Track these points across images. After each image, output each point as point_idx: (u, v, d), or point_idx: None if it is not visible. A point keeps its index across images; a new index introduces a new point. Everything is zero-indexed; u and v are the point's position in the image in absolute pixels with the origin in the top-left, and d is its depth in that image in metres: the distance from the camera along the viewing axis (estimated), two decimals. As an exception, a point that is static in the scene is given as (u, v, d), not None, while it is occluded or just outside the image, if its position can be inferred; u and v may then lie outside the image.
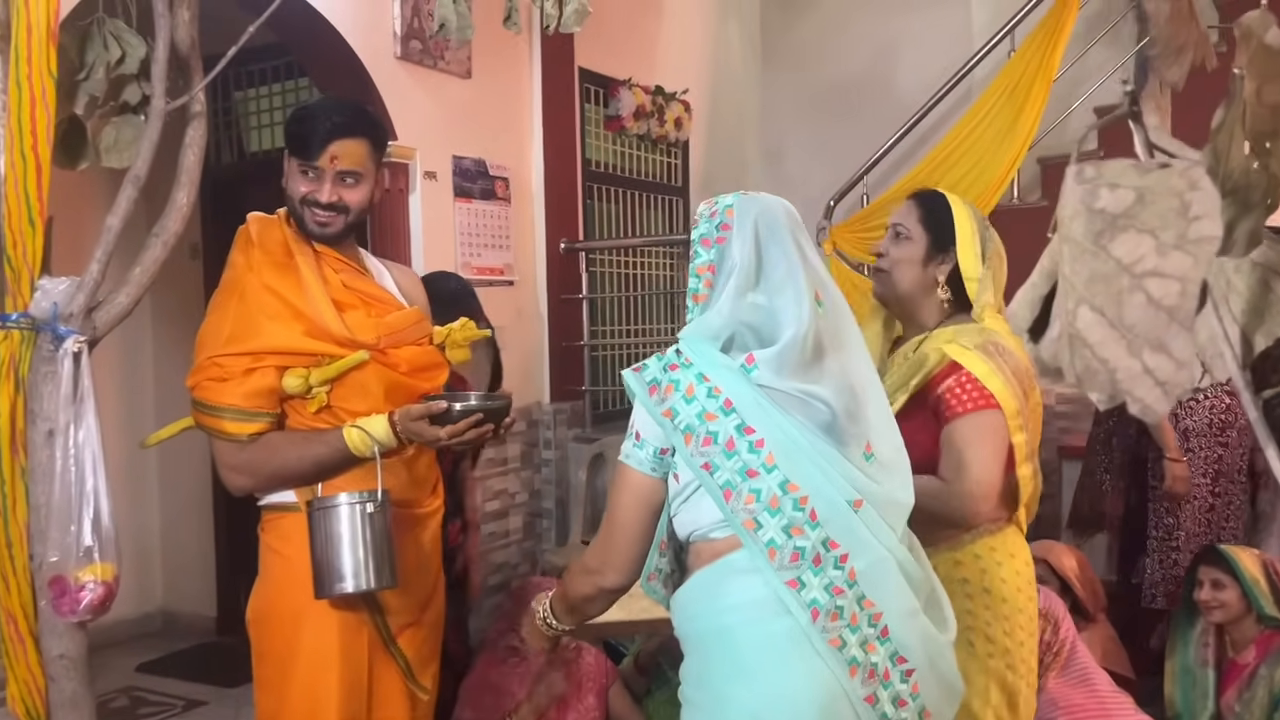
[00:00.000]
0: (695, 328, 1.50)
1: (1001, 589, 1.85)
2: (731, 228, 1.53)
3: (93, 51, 1.61)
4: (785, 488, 1.40)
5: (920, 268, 1.93)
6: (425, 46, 3.81)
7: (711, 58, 5.71)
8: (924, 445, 1.83)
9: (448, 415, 1.89)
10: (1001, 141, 4.57)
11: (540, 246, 4.39)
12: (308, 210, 1.94)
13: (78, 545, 1.61)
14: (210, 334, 1.90)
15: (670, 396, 1.45)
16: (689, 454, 1.43)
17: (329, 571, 1.82)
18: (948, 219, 1.94)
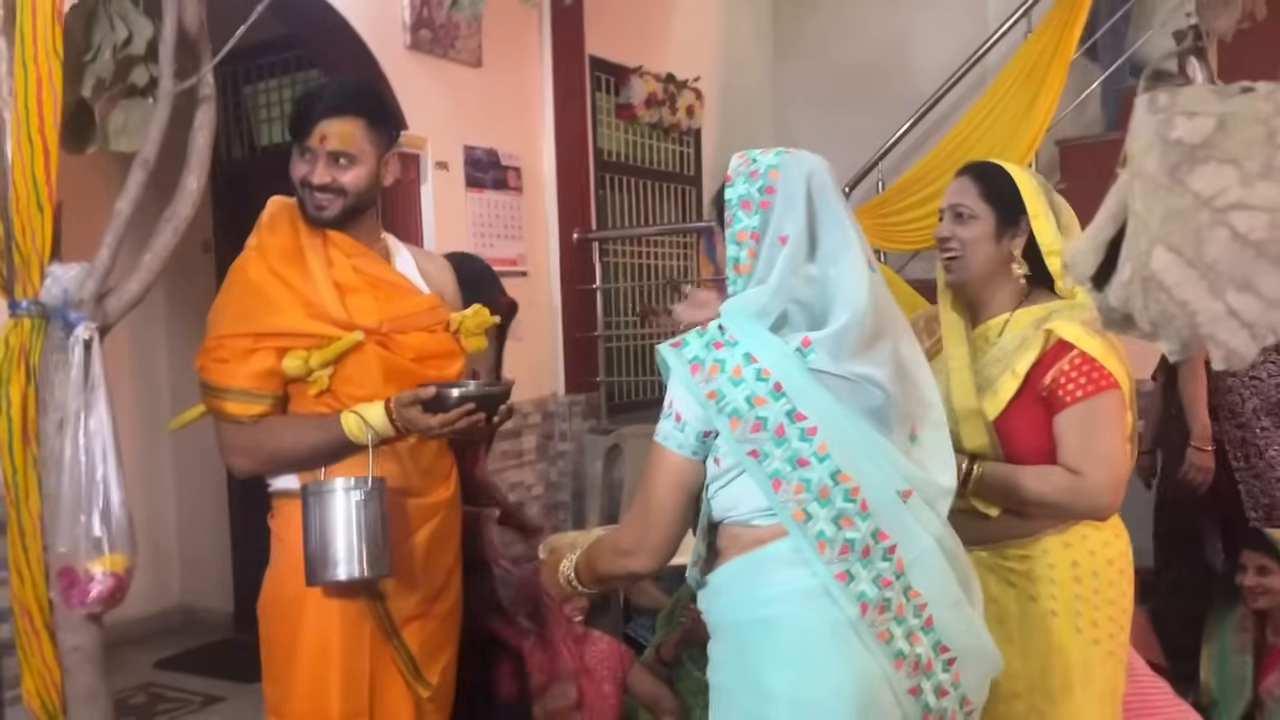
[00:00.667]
0: (741, 303, 1.40)
1: (1108, 571, 1.78)
2: (777, 191, 1.41)
3: (99, 33, 1.58)
4: (836, 478, 1.35)
5: (993, 245, 1.81)
6: (435, 35, 3.78)
7: (723, 44, 5.66)
8: (1033, 434, 1.75)
9: (439, 402, 1.85)
10: (1019, 124, 4.50)
11: (553, 237, 4.35)
12: (306, 193, 1.91)
13: (87, 536, 1.59)
14: (217, 315, 1.89)
15: (716, 377, 1.36)
16: (735, 439, 1.36)
17: (320, 558, 1.79)
18: (1010, 188, 1.81)
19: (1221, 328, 0.83)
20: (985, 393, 1.79)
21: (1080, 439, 1.73)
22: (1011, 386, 1.77)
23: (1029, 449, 1.77)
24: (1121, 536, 1.84)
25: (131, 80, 1.64)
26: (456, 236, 3.89)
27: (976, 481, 1.76)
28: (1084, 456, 1.72)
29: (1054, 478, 1.73)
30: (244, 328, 1.85)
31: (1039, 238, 1.81)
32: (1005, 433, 1.77)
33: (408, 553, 1.92)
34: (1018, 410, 1.76)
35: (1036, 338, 1.78)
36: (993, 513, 1.78)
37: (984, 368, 1.83)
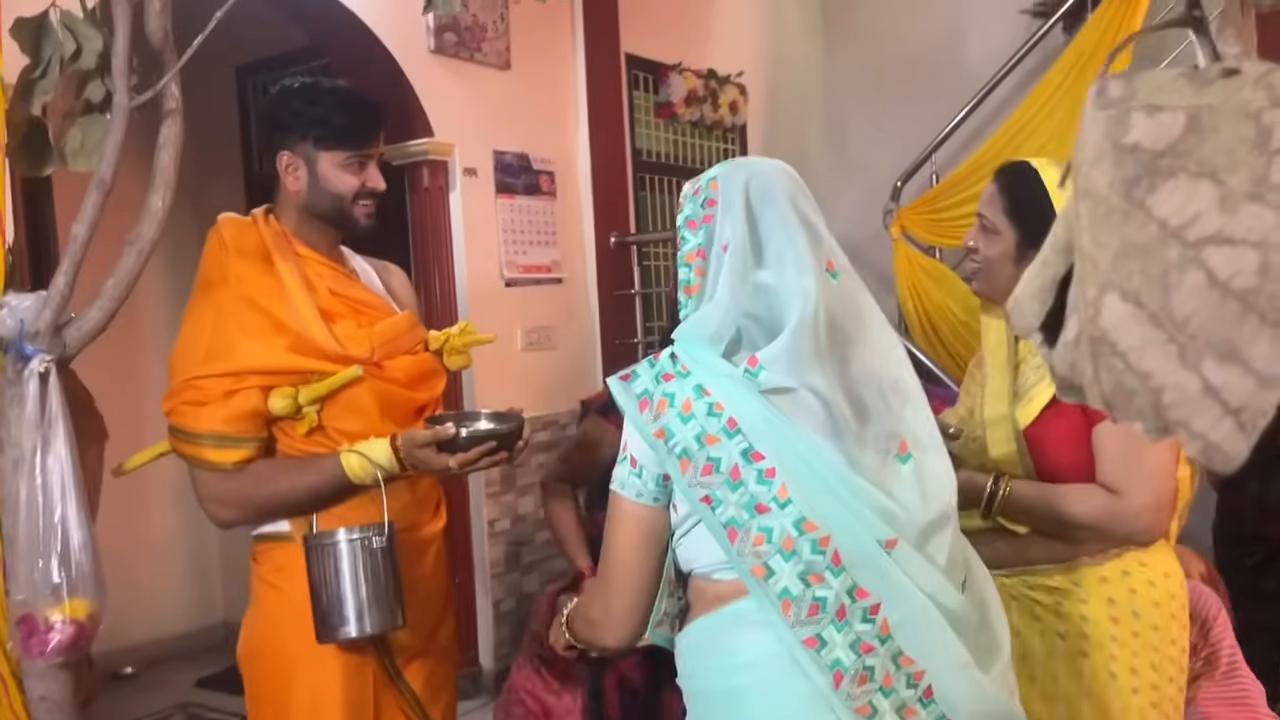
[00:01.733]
0: (691, 326, 1.26)
1: (1153, 614, 1.59)
2: (717, 203, 1.30)
3: (48, 47, 1.48)
4: (801, 526, 1.17)
5: (1013, 265, 1.64)
6: (461, 39, 3.67)
7: (768, 37, 5.48)
8: (1068, 445, 1.60)
9: (456, 441, 1.72)
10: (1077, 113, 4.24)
11: (589, 241, 4.22)
12: (360, 205, 1.82)
13: (45, 582, 1.49)
14: (185, 353, 1.75)
15: (664, 413, 1.21)
16: (686, 484, 1.20)
17: (331, 616, 1.67)
18: (1039, 203, 1.63)
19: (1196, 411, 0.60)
20: (1020, 399, 1.65)
21: (1121, 454, 1.56)
22: (1047, 394, 1.61)
23: (1062, 462, 1.60)
24: (1173, 576, 1.64)
25: (87, 96, 1.54)
26: (487, 245, 3.79)
27: (1004, 501, 1.61)
28: (1124, 474, 1.55)
29: (1090, 497, 1.57)
30: (221, 366, 1.71)
31: None
32: (1037, 442, 1.62)
33: (407, 591, 1.79)
34: (1052, 418, 1.60)
35: None
36: (1021, 531, 1.63)
37: (1026, 374, 1.68)
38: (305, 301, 1.77)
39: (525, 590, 3.91)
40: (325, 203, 1.83)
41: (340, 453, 1.73)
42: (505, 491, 3.83)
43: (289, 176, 1.84)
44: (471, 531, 3.72)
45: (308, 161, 1.82)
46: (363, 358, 1.78)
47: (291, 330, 1.75)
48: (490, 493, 3.77)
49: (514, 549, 3.88)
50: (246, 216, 1.87)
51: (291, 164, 1.83)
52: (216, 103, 4.45)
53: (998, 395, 1.66)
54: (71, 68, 1.47)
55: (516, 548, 3.89)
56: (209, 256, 1.82)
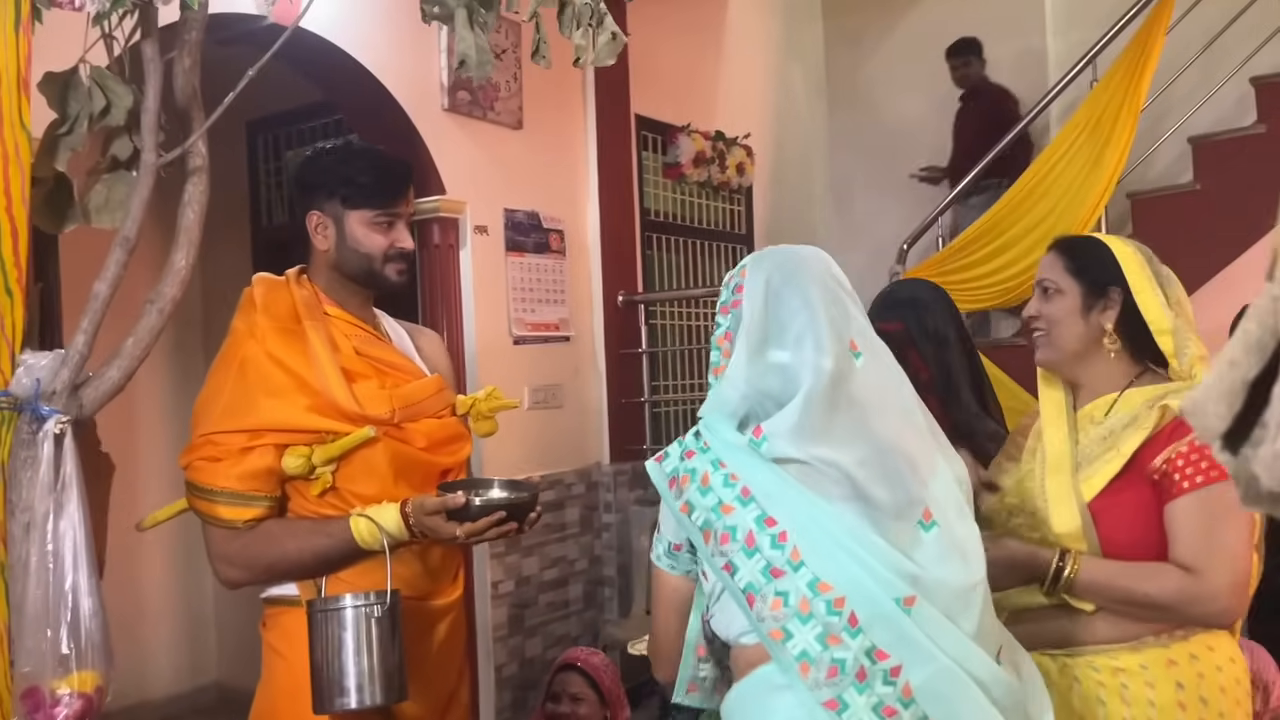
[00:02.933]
0: (711, 403, 1.34)
1: (1220, 701, 1.53)
2: (744, 289, 1.38)
3: (76, 102, 1.46)
4: (816, 588, 1.19)
5: (1080, 320, 1.66)
6: (474, 98, 3.69)
7: (775, 100, 5.53)
8: (1138, 522, 1.55)
9: (466, 511, 1.68)
10: (1086, 177, 4.27)
11: (598, 300, 4.21)
12: (391, 265, 1.81)
13: (54, 653, 1.43)
14: (205, 408, 1.73)
15: (687, 488, 1.30)
16: (708, 553, 1.27)
17: (330, 685, 1.61)
18: (1101, 260, 1.66)
19: None
20: (1083, 471, 1.60)
21: (1198, 532, 1.50)
22: (1115, 465, 1.56)
23: (1130, 538, 1.55)
24: (1237, 660, 1.57)
25: (113, 153, 1.52)
26: (496, 302, 3.77)
27: (1071, 579, 1.55)
28: (1201, 553, 1.49)
29: (1164, 576, 1.51)
30: (239, 423, 1.69)
31: (1145, 314, 1.62)
32: (1103, 518, 1.56)
33: (416, 662, 1.74)
34: (1120, 492, 1.55)
35: (1149, 415, 1.57)
36: (1088, 608, 1.57)
37: (1086, 447, 1.63)
38: (329, 360, 1.74)
39: (528, 655, 3.82)
40: (354, 262, 1.82)
41: (349, 516, 1.70)
42: (509, 553, 3.76)
43: (318, 236, 1.83)
44: (475, 593, 3.64)
45: (336, 221, 1.81)
46: (381, 418, 1.74)
47: (312, 389, 1.72)
48: (494, 553, 3.71)
49: (517, 612, 3.80)
50: (280, 277, 1.86)
51: (320, 223, 1.82)
52: (226, 157, 4.45)
53: (1060, 467, 1.62)
54: (100, 124, 1.45)
55: (520, 610, 3.81)
56: (239, 314, 1.81)
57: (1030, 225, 4.30)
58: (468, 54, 1.57)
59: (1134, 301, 1.63)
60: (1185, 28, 4.41)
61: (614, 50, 1.63)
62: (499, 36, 3.74)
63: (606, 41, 1.61)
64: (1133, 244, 1.69)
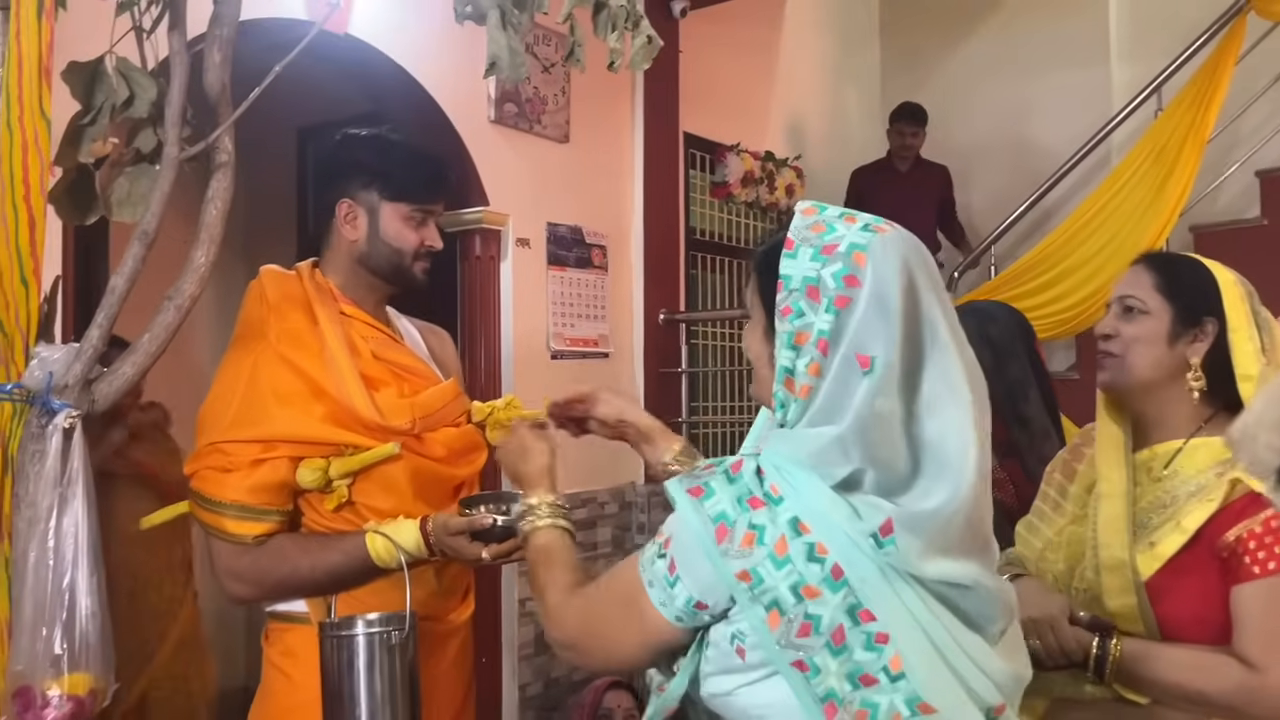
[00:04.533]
0: (793, 447, 1.02)
1: None
2: (863, 285, 1.01)
3: (101, 93, 1.44)
4: (916, 708, 0.96)
5: (1164, 348, 1.48)
6: (521, 110, 3.67)
7: (827, 122, 5.46)
8: (1199, 601, 1.39)
9: (492, 531, 1.58)
10: (1146, 209, 4.15)
11: (638, 317, 4.16)
12: (419, 263, 1.74)
13: (47, 652, 1.39)
14: (213, 414, 1.64)
15: (753, 552, 0.99)
16: (775, 640, 0.98)
17: (342, 712, 1.53)
18: (1200, 285, 1.49)
19: None
20: (1140, 541, 1.44)
21: (1265, 623, 1.34)
22: (1177, 541, 1.40)
23: (1189, 617, 1.40)
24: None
25: (137, 145, 1.50)
26: (536, 315, 3.73)
27: (1115, 665, 1.39)
28: (1268, 648, 1.33)
29: (1223, 672, 1.35)
30: (251, 432, 1.60)
31: (1235, 354, 1.45)
32: (1161, 595, 1.40)
33: (425, 683, 1.63)
34: (1183, 569, 1.39)
35: (1218, 487, 1.40)
36: (1140, 701, 1.41)
37: (1143, 511, 1.46)
38: (348, 366, 1.66)
39: (553, 675, 3.76)
40: (383, 255, 1.74)
41: (365, 533, 1.62)
42: (539, 570, 3.70)
43: (347, 225, 1.74)
44: (501, 611, 3.59)
45: (369, 211, 1.73)
46: (403, 430, 1.67)
47: (330, 397, 1.64)
48: (522, 570, 3.63)
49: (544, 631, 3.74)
50: (290, 270, 1.78)
51: (351, 213, 1.73)
52: (276, 163, 4.49)
53: (1116, 528, 1.45)
54: (123, 115, 1.42)
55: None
56: (248, 310, 1.73)
57: (1086, 256, 4.19)
58: (499, 55, 1.53)
59: (1224, 338, 1.46)
60: (1255, 58, 4.28)
61: (649, 54, 1.57)
62: (548, 50, 3.72)
63: (642, 45, 1.56)
64: (1235, 274, 1.52)
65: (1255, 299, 1.49)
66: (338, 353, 1.67)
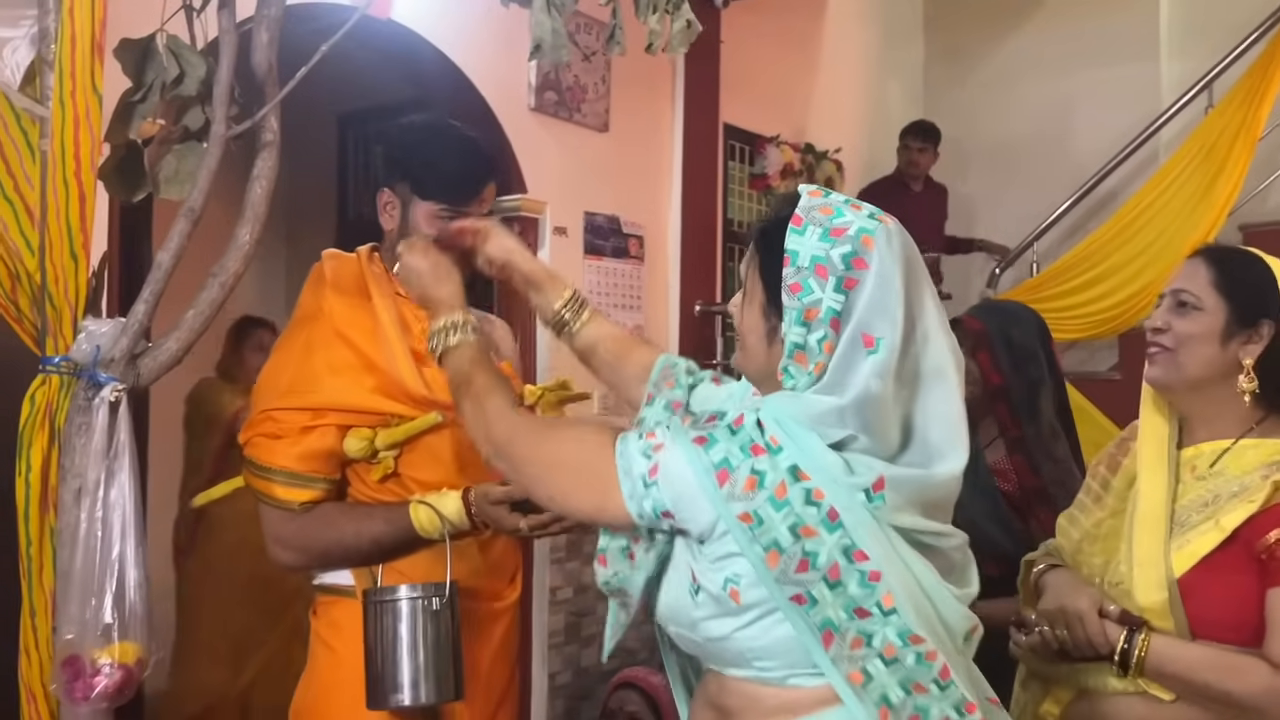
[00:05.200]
0: (792, 405, 1.09)
1: None
2: (870, 266, 1.08)
3: (152, 70, 1.46)
4: (908, 640, 1.06)
5: (1217, 346, 1.45)
6: (561, 99, 3.67)
7: (869, 116, 5.41)
8: (1233, 602, 1.37)
9: (530, 502, 1.60)
10: (1195, 207, 4.09)
11: (674, 308, 4.15)
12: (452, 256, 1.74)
13: (97, 621, 1.42)
14: (268, 383, 1.68)
15: (755, 495, 1.05)
16: (774, 579, 1.06)
17: (384, 679, 1.56)
18: (1259, 283, 1.46)
19: None
20: (1176, 538, 1.42)
21: None
22: (1212, 540, 1.37)
23: (1222, 619, 1.37)
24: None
25: (185, 123, 1.51)
26: (572, 304, 3.73)
27: (1142, 662, 1.37)
28: None
29: (1252, 673, 1.33)
30: (301, 400, 1.64)
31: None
32: (1195, 594, 1.39)
33: (469, 664, 1.66)
34: (1218, 568, 1.37)
35: (1260, 488, 1.37)
36: (1166, 697, 1.39)
37: (1183, 509, 1.44)
38: (399, 341, 1.69)
39: (583, 664, 3.77)
40: None
41: (409, 503, 1.64)
42: (571, 558, 3.72)
43: (384, 214, 1.77)
44: (533, 599, 3.60)
45: (403, 204, 1.74)
46: (448, 403, 1.69)
47: (380, 370, 1.67)
48: (555, 559, 3.66)
49: (575, 620, 3.75)
50: (352, 254, 1.81)
51: (389, 203, 1.76)
52: (317, 148, 4.52)
53: (1154, 524, 1.44)
54: (172, 93, 1.44)
55: (578, 619, 3.76)
56: (307, 289, 1.76)
57: (1132, 254, 4.13)
58: (543, 38, 1.53)
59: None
60: (1311, 54, 4.18)
61: (688, 38, 1.57)
62: (589, 38, 3.72)
63: (681, 29, 1.56)
64: None
65: None
66: (390, 329, 1.69)
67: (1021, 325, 2.04)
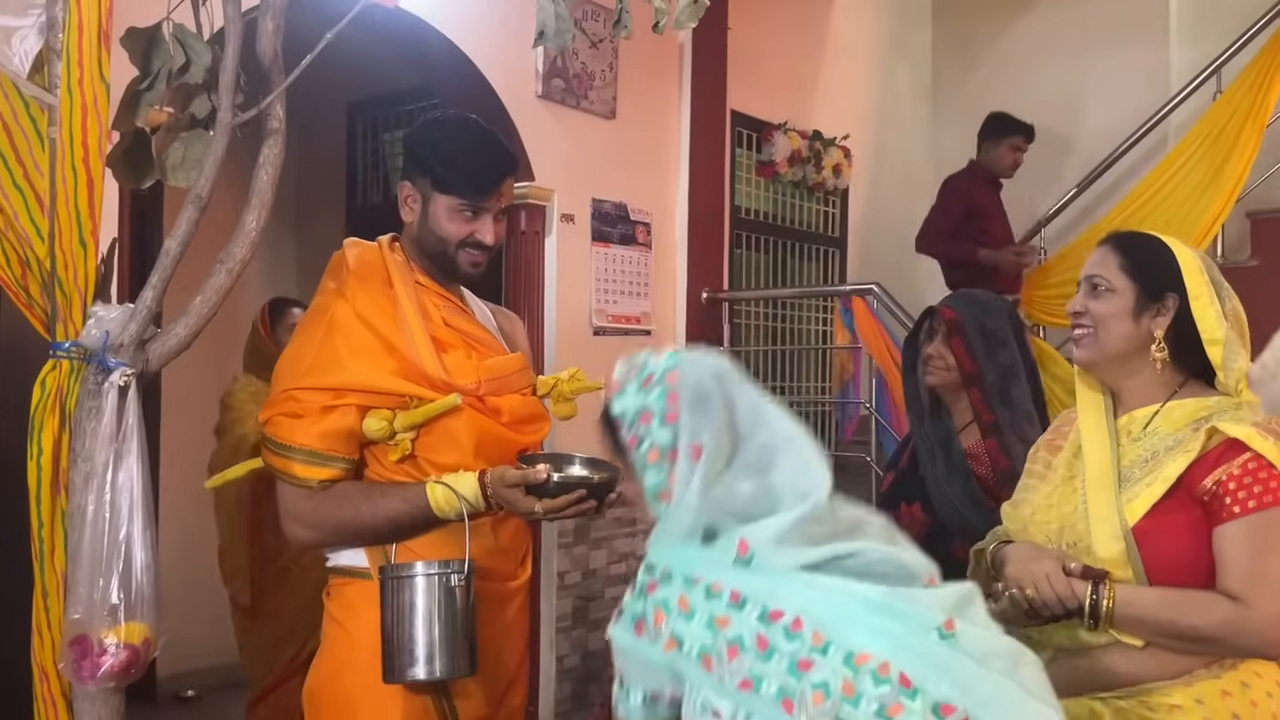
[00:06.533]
0: (666, 536, 1.17)
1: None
2: (680, 397, 1.18)
3: (159, 59, 1.47)
4: (854, 662, 1.05)
5: (1130, 323, 1.57)
6: (568, 86, 3.68)
7: (877, 102, 5.40)
8: (1185, 543, 1.47)
9: (545, 487, 1.65)
10: (1203, 193, 4.07)
11: (681, 295, 4.16)
12: (464, 252, 1.77)
13: (104, 602, 1.45)
14: (290, 364, 1.70)
15: (664, 624, 1.12)
16: (717, 680, 1.09)
17: (400, 654, 1.60)
18: (1160, 262, 1.58)
19: None
20: (1125, 492, 1.52)
21: (1249, 559, 1.42)
22: (1158, 490, 1.48)
23: (1178, 562, 1.47)
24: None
25: (191, 111, 1.53)
26: (579, 291, 3.75)
27: (1108, 613, 1.45)
28: (1252, 582, 1.41)
29: (1210, 607, 1.42)
30: (322, 380, 1.67)
31: (1199, 322, 1.54)
32: (1148, 540, 1.48)
33: (481, 644, 1.69)
34: (1167, 513, 1.47)
35: (1194, 439, 1.48)
36: (1136, 643, 1.47)
37: (1126, 468, 1.54)
38: (419, 327, 1.72)
39: (590, 648, 3.79)
40: (430, 242, 1.79)
41: (426, 483, 1.67)
42: (578, 543, 3.74)
43: (405, 207, 1.81)
44: (540, 582, 3.63)
45: (424, 198, 1.78)
46: (468, 389, 1.72)
47: (400, 354, 1.70)
48: (563, 544, 3.69)
49: (583, 604, 3.78)
50: (373, 242, 1.84)
51: (410, 196, 1.80)
52: (325, 137, 4.54)
53: (1103, 485, 1.53)
54: (179, 81, 1.46)
55: (585, 602, 3.79)
56: (329, 274, 1.80)
57: (1140, 240, 4.11)
58: (547, 24, 1.54)
59: (1188, 309, 1.54)
60: (1321, 39, 4.16)
61: (695, 14, 1.58)
62: (596, 25, 3.72)
63: (687, 5, 1.56)
64: (1194, 249, 1.61)
65: (1214, 270, 1.58)
66: (410, 315, 1.73)
67: (994, 314, 2.13)
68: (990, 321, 2.10)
